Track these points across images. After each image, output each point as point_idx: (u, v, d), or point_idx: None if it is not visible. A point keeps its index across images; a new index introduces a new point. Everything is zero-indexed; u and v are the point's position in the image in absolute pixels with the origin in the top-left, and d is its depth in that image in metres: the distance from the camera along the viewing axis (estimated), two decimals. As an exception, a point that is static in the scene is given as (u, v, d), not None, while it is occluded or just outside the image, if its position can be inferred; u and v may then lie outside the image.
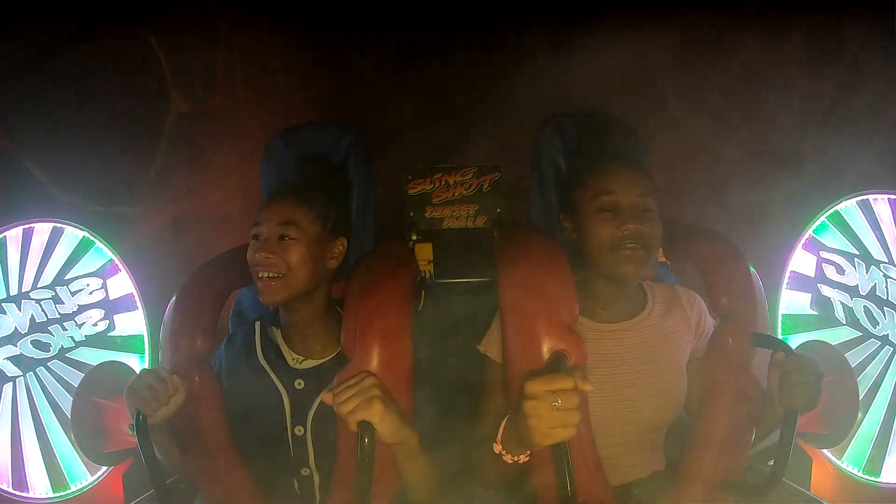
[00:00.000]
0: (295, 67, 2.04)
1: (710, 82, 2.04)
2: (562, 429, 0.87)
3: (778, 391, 1.04)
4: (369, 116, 2.03)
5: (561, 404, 0.86)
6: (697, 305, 1.23)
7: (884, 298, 1.77)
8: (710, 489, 1.11)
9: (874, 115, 2.04)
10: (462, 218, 2.05)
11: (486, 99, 2.05)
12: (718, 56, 2.03)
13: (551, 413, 0.86)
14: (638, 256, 1.08)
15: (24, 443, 1.70)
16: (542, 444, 0.89)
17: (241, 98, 2.04)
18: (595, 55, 2.04)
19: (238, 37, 2.01)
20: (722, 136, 2.07)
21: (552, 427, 0.87)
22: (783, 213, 2.02)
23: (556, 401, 0.86)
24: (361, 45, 2.03)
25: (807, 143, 2.06)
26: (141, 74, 1.97)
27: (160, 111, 2.00)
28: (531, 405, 0.87)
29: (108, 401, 1.43)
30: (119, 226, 1.96)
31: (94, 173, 1.94)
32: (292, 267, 1.11)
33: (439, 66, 2.04)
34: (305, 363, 1.18)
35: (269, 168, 1.38)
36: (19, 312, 1.70)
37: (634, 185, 1.10)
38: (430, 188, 2.04)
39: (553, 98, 2.04)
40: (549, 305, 1.06)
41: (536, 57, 2.03)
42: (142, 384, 1.04)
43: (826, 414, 1.44)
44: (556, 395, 0.86)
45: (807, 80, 2.04)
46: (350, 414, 0.96)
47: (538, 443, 0.89)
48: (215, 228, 2.04)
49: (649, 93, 2.05)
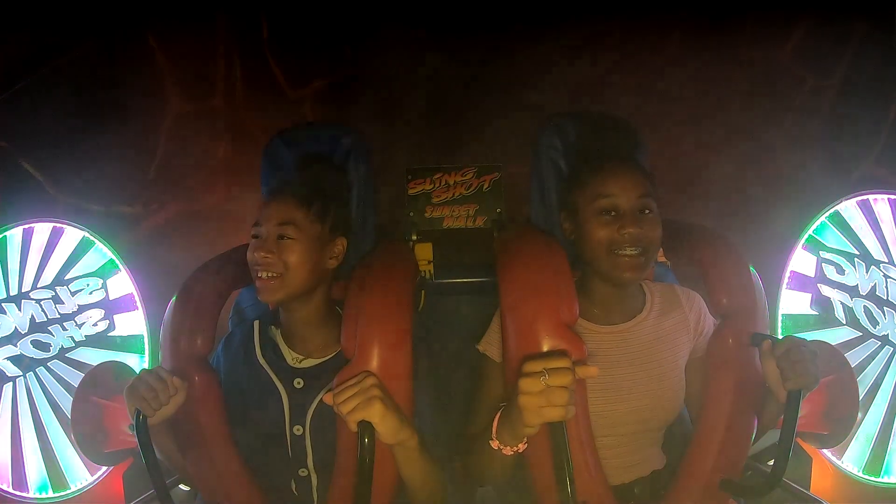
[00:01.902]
0: (294, 67, 2.03)
1: (710, 82, 2.04)
2: (551, 407, 0.87)
3: (776, 377, 1.03)
4: (369, 116, 2.03)
5: (549, 378, 0.86)
6: (696, 305, 1.23)
7: (884, 298, 1.77)
8: (710, 489, 1.11)
9: (874, 115, 2.04)
10: (462, 218, 2.05)
11: (486, 99, 2.05)
12: (719, 56, 2.02)
13: (542, 390, 0.87)
14: (637, 263, 1.08)
15: (24, 443, 1.70)
16: (532, 422, 0.89)
17: (241, 97, 2.03)
18: (595, 56, 2.04)
19: (237, 36, 2.01)
20: (722, 135, 2.07)
21: (541, 405, 0.87)
22: (783, 213, 2.02)
23: (545, 375, 0.86)
24: (362, 45, 2.03)
25: (807, 143, 2.06)
26: (140, 74, 1.97)
27: (159, 111, 2.00)
28: (524, 381, 0.88)
29: (108, 401, 1.43)
30: (119, 226, 1.96)
31: (94, 173, 1.94)
32: (291, 267, 1.11)
33: (439, 66, 2.03)
34: (305, 362, 1.18)
35: (269, 168, 1.37)
36: (19, 312, 1.70)
37: (634, 188, 1.09)
38: (430, 188, 2.04)
39: (553, 98, 2.04)
40: (549, 305, 1.06)
41: (537, 57, 2.03)
42: (142, 384, 1.04)
43: (826, 414, 1.44)
44: (546, 371, 0.87)
45: (807, 79, 2.04)
46: (350, 414, 0.95)
47: (528, 421, 0.88)
48: (215, 228, 2.05)
49: (649, 93, 2.05)
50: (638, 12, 1.99)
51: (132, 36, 1.94)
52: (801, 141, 2.06)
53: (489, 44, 2.03)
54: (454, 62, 2.03)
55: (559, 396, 0.87)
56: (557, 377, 0.87)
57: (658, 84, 2.04)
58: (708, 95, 2.05)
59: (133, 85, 1.97)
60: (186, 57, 1.99)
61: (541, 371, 0.87)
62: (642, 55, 2.03)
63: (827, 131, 2.05)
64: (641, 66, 2.03)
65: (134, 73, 1.96)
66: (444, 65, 2.03)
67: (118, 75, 1.94)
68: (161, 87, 1.99)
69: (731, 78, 2.04)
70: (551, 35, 2.02)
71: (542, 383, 0.86)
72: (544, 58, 2.03)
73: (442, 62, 2.03)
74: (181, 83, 2.00)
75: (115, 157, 1.96)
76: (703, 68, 2.03)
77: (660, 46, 2.03)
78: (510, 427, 0.95)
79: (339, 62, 2.03)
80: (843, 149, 2.05)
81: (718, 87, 2.05)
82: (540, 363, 0.88)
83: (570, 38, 2.02)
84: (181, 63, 1.99)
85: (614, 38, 2.02)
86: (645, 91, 2.04)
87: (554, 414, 0.88)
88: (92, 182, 1.94)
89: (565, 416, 0.88)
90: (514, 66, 2.03)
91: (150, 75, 1.97)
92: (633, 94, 2.04)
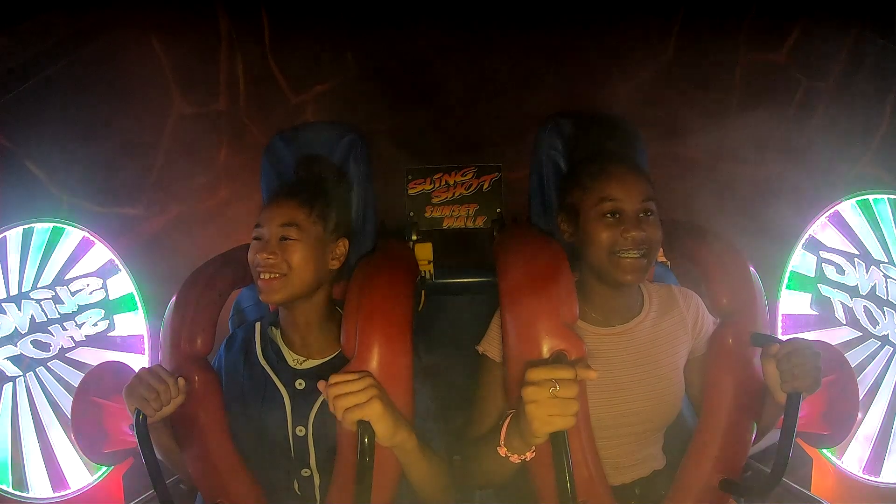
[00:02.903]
0: (296, 71, 2.04)
1: (707, 83, 2.05)
2: (560, 417, 0.87)
3: (777, 380, 1.03)
4: (369, 116, 2.03)
5: (559, 390, 0.87)
6: (694, 304, 1.23)
7: (884, 298, 1.77)
8: (710, 489, 1.11)
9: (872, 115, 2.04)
10: (462, 218, 2.05)
11: (486, 99, 2.05)
12: (718, 55, 2.03)
13: (550, 399, 0.87)
14: (639, 265, 1.09)
15: (24, 443, 1.70)
16: (542, 432, 0.89)
17: (243, 99, 2.04)
18: (596, 56, 2.04)
19: (239, 38, 2.01)
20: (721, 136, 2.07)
21: (551, 414, 0.87)
22: (783, 213, 2.02)
23: (555, 386, 0.87)
24: (362, 46, 2.03)
25: (807, 143, 2.06)
26: (143, 75, 1.97)
27: (162, 112, 2.00)
28: (530, 390, 0.88)
29: (108, 401, 1.43)
30: (119, 226, 1.96)
31: (96, 174, 1.94)
32: (293, 267, 1.11)
33: (440, 66, 2.03)
34: (306, 363, 1.18)
35: (270, 169, 1.37)
36: (19, 312, 1.70)
37: (637, 191, 1.10)
38: (430, 188, 2.04)
39: (553, 98, 2.04)
40: (549, 305, 1.06)
41: (537, 57, 2.03)
42: (141, 384, 1.04)
43: (826, 414, 1.44)
44: (555, 382, 0.87)
45: (803, 80, 2.04)
46: (348, 412, 0.95)
47: (537, 430, 0.89)
48: (216, 230, 2.05)
49: (650, 93, 2.05)
50: (636, 14, 1.99)
51: (136, 38, 1.95)
52: (800, 141, 2.06)
53: (490, 45, 2.03)
54: (454, 63, 2.03)
55: (570, 406, 0.87)
56: (567, 388, 0.87)
57: (656, 85, 2.04)
58: (706, 96, 2.05)
59: (136, 87, 1.96)
60: (189, 60, 2.00)
61: (549, 381, 0.87)
62: (640, 56, 2.03)
63: (825, 131, 2.05)
64: (640, 66, 2.03)
65: (137, 75, 1.96)
66: (444, 65, 2.03)
67: (121, 78, 1.94)
68: (164, 90, 1.99)
69: (728, 79, 2.04)
70: (552, 35, 2.02)
71: (551, 393, 0.87)
72: (545, 58, 2.03)
73: (442, 63, 2.03)
74: (184, 86, 2.00)
75: (118, 159, 1.96)
76: (701, 69, 2.04)
77: (658, 47, 2.03)
78: (520, 436, 0.95)
79: (341, 67, 2.04)
80: (843, 149, 2.05)
81: (716, 87, 2.05)
82: (544, 371, 0.88)
83: (571, 39, 2.02)
84: (184, 66, 2.00)
85: (613, 39, 2.02)
86: (644, 92, 2.04)
87: (563, 423, 0.88)
88: (94, 183, 1.94)
89: (573, 423, 0.89)
90: (515, 66, 2.03)
91: (154, 78, 1.97)
92: (632, 94, 2.05)
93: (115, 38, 1.93)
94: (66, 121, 1.90)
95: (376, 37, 2.02)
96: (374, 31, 2.01)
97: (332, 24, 2.00)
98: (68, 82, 1.89)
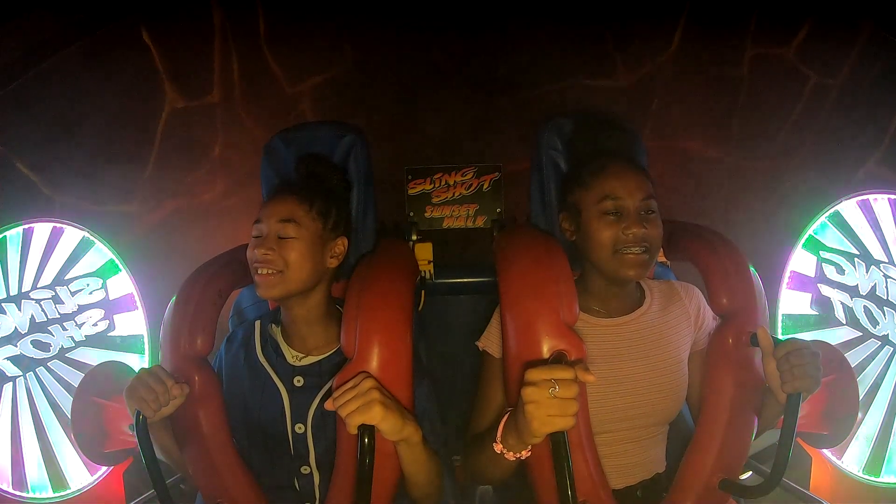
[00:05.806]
0: (292, 63, 2.02)
1: (713, 79, 2.04)
2: (559, 417, 0.87)
3: (777, 379, 1.03)
4: (370, 116, 2.03)
5: (558, 391, 0.87)
6: (695, 297, 1.24)
7: (884, 298, 1.77)
8: (710, 489, 1.11)
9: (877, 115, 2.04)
10: (462, 218, 2.05)
11: (486, 99, 2.05)
12: (719, 55, 2.02)
13: (549, 400, 0.87)
14: (641, 261, 1.09)
15: (24, 443, 1.70)
16: (541, 432, 0.89)
17: (238, 94, 2.02)
18: (597, 54, 2.04)
19: (234, 32, 1.99)
20: (723, 134, 2.07)
21: (550, 414, 0.87)
22: (783, 213, 2.02)
23: (554, 386, 0.87)
24: (362, 44, 2.02)
25: (807, 144, 2.06)
26: (135, 70, 1.95)
27: (155, 107, 1.99)
28: (530, 390, 0.88)
29: (108, 401, 1.43)
30: (118, 225, 1.96)
31: (89, 172, 1.93)
32: (291, 264, 1.11)
33: (440, 66, 2.03)
34: (305, 360, 1.18)
35: (270, 168, 1.37)
36: (19, 312, 1.70)
37: (639, 190, 1.10)
38: (430, 188, 2.04)
39: (553, 99, 2.04)
40: (549, 305, 1.06)
41: (537, 57, 2.03)
42: (141, 385, 1.04)
43: (826, 414, 1.44)
44: (555, 382, 0.87)
45: (811, 77, 2.04)
46: (349, 417, 0.96)
47: (536, 430, 0.89)
48: (213, 224, 2.04)
49: (650, 93, 2.04)
50: (641, 10, 1.99)
51: (126, 32, 1.92)
52: (802, 140, 2.06)
53: (490, 43, 2.02)
54: (455, 61, 2.03)
55: (569, 406, 0.87)
56: (566, 388, 0.87)
57: (661, 81, 2.04)
58: (711, 93, 2.05)
59: (128, 82, 1.95)
60: (182, 53, 1.98)
61: (548, 382, 0.87)
62: (645, 53, 2.03)
63: (828, 130, 2.05)
64: (644, 63, 2.03)
65: (128, 69, 1.95)
66: (444, 65, 2.03)
67: (112, 72, 1.93)
68: (157, 84, 1.97)
69: (734, 75, 2.04)
70: (552, 35, 2.01)
71: (550, 394, 0.87)
72: (545, 58, 2.03)
73: (442, 61, 2.03)
74: (177, 79, 1.99)
75: (111, 155, 1.96)
76: (707, 66, 2.03)
77: (663, 44, 2.02)
78: (516, 434, 0.95)
79: (337, 58, 2.02)
80: (845, 148, 2.05)
81: (721, 84, 2.05)
82: (544, 372, 0.88)
83: (572, 38, 2.02)
84: (177, 59, 1.98)
85: (616, 36, 2.02)
86: (647, 88, 2.04)
87: (562, 424, 0.88)
88: (87, 181, 1.93)
89: (573, 424, 0.89)
90: (515, 65, 2.03)
91: (145, 71, 1.96)
92: (635, 92, 2.04)
93: (107, 33, 1.91)
94: (57, 119, 1.89)
95: (373, 28, 2.00)
96: (371, 22, 1.99)
97: (329, 15, 1.99)
98: (59, 79, 1.88)
